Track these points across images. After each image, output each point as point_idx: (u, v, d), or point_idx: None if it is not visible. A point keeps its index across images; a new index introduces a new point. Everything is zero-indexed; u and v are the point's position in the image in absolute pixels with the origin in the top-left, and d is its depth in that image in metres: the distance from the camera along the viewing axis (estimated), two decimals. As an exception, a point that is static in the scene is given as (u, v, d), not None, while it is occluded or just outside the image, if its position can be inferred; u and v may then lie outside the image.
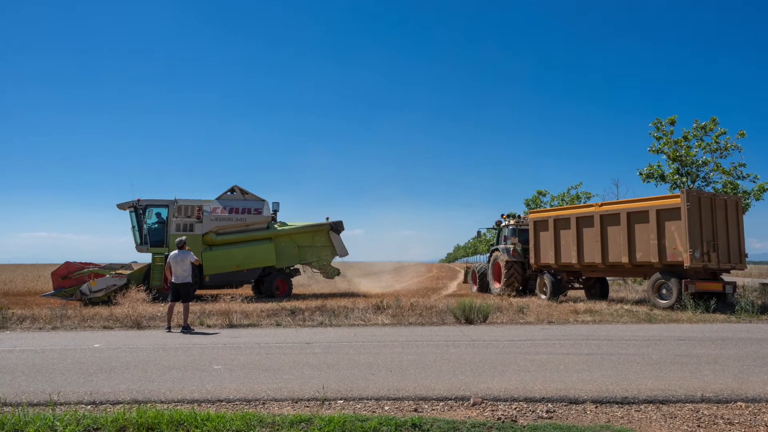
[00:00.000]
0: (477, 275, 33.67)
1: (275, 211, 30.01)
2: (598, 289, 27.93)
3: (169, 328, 17.05)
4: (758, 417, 7.93)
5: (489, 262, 32.13)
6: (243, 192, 29.06)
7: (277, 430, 7.29)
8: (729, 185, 28.25)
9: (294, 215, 64.00)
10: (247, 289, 31.06)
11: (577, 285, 28.07)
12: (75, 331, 17.25)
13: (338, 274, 31.61)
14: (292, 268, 30.56)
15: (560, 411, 8.19)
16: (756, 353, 12.53)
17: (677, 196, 21.72)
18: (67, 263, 26.57)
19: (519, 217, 32.15)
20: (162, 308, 20.25)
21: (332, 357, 12.17)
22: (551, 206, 45.70)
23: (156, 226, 27.90)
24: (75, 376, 10.30)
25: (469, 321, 18.47)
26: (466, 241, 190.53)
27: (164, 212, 27.94)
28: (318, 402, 8.58)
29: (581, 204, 37.80)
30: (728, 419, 7.84)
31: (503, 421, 7.68)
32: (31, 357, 12.45)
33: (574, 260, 25.38)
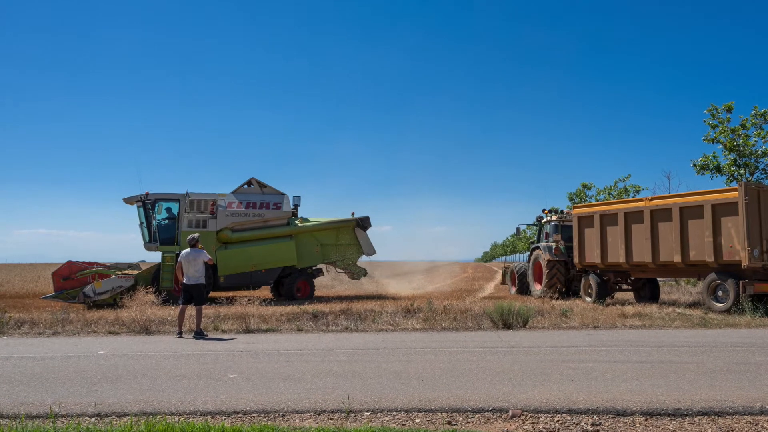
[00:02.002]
0: (516, 276, 33.58)
1: (296, 206, 29.94)
2: (647, 291, 27.75)
3: (180, 334, 17.11)
4: (827, 432, 7.84)
5: (529, 261, 32.00)
6: (261, 185, 29.01)
7: (298, 444, 7.29)
8: (792, 177, 27.98)
9: (317, 210, 63.97)
10: (265, 291, 31.09)
11: (625, 286, 27.90)
12: (78, 337, 17.34)
13: (365, 274, 31.50)
14: (314, 267, 30.47)
15: (607, 424, 8.14)
16: (824, 361, 12.39)
17: (734, 190, 21.51)
18: (70, 263, 26.61)
19: (562, 212, 31.97)
20: (173, 312, 20.31)
21: (358, 365, 12.17)
22: (597, 200, 45.49)
23: (166, 222, 27.93)
24: (78, 386, 10.35)
25: (507, 326, 18.41)
26: (504, 238, 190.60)
27: (175, 207, 27.96)
28: (342, 414, 8.57)
29: (630, 198, 37.59)
30: (793, 434, 7.75)
31: (545, 436, 7.64)
32: (30, 365, 12.52)
33: (621, 259, 25.22)
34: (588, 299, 26.50)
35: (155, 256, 28.58)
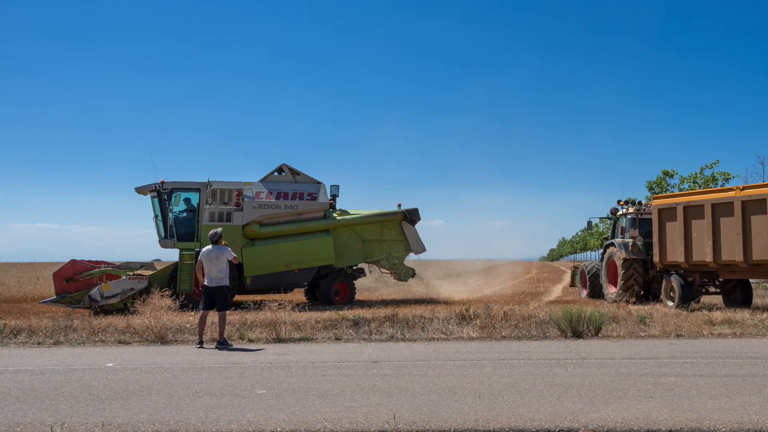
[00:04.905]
0: (587, 277, 33.40)
1: (334, 196, 29.89)
2: (738, 294, 27.39)
3: (200, 343, 17.20)
4: None
5: (602, 260, 31.81)
6: (293, 172, 28.92)
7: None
8: None
9: (357, 202, 63.96)
10: (298, 295, 31.20)
11: (712, 289, 27.63)
12: (83, 347, 17.50)
13: (413, 275, 31.35)
14: (355, 267, 30.40)
15: (693, 447, 8.07)
16: None
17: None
18: (73, 262, 26.63)
19: (640, 203, 31.74)
20: (192, 318, 20.42)
21: (405, 379, 12.18)
22: (680, 190, 45.14)
23: (184, 214, 27.94)
24: (83, 404, 10.44)
25: (577, 334, 18.34)
26: (573, 234, 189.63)
27: (195, 197, 27.96)
28: (387, 435, 8.56)
29: (718, 187, 37.21)
30: None
31: (621, 461, 7.59)
32: (29, 379, 12.65)
33: (708, 258, 24.96)
34: (670, 304, 26.28)
35: (172, 254, 28.71)
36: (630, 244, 29.21)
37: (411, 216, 30.23)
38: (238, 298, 27.57)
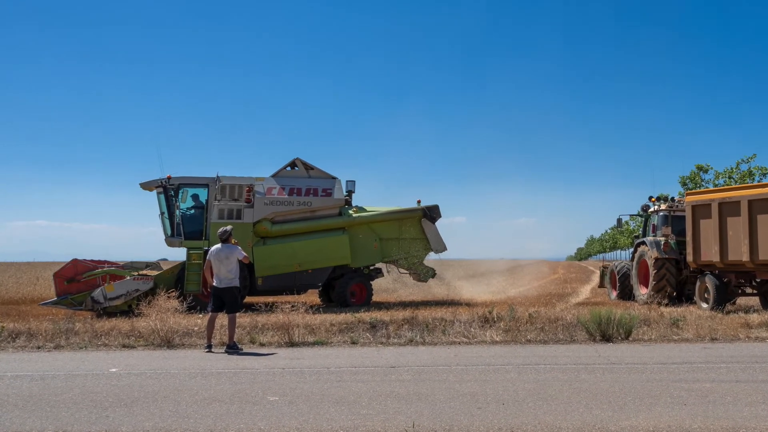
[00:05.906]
0: (617, 277, 33.27)
1: (350, 192, 29.78)
2: (776, 296, 27.31)
3: (209, 347, 17.22)
4: None
5: (633, 259, 31.68)
6: (307, 167, 28.86)
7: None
8: None
9: (374, 198, 63.82)
10: (312, 296, 31.19)
11: (749, 290, 27.49)
12: (85, 351, 17.55)
13: (433, 275, 31.23)
14: (372, 267, 30.37)
15: (729, 458, 8.04)
16: None
17: None
18: (75, 261, 26.55)
19: (673, 200, 31.63)
20: (200, 321, 20.41)
21: (425, 385, 12.17)
22: (715, 186, 44.99)
23: (192, 211, 27.95)
24: (85, 411, 10.47)
25: (606, 338, 18.30)
26: (602, 232, 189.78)
27: (203, 193, 27.92)
28: (405, 444, 8.54)
29: (755, 183, 37.05)
30: None
31: (653, 473, 7.56)
32: (28, 385, 12.69)
33: (744, 257, 24.82)
34: (704, 305, 26.17)
35: (179, 254, 28.68)
36: (662, 242, 29.07)
37: (431, 213, 30.08)
38: (248, 299, 27.53)
